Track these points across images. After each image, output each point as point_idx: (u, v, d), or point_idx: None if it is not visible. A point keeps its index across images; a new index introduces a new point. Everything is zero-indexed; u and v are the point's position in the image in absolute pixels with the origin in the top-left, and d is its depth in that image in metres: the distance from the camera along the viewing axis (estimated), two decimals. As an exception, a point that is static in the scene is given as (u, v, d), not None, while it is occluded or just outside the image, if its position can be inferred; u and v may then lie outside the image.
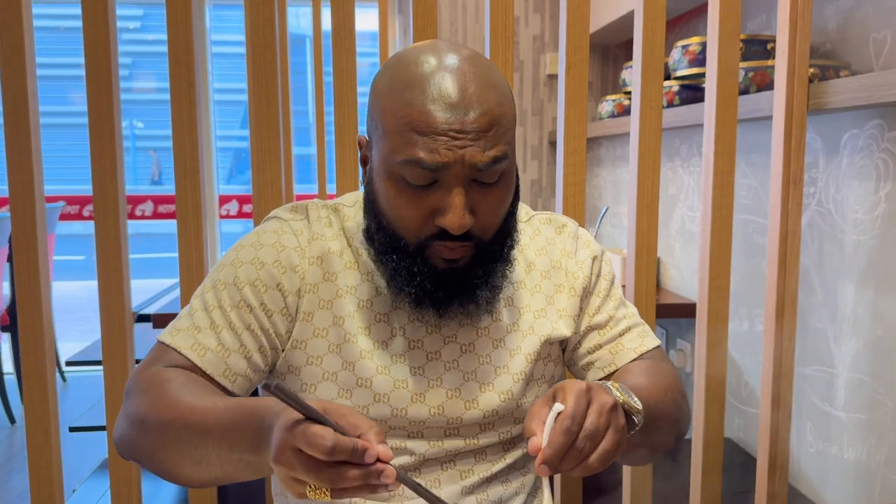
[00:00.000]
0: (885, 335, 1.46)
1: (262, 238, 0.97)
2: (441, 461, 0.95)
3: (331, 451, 0.66)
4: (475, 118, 0.82)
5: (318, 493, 0.67)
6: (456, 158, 0.82)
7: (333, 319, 0.94)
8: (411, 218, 0.86)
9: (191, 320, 0.94)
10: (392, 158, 0.85)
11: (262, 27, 1.40)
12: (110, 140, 1.35)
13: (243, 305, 0.93)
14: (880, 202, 1.47)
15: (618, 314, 1.05)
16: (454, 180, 0.84)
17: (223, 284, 0.94)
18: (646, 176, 1.49)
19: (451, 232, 0.84)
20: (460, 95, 0.83)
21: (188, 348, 0.91)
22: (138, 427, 0.86)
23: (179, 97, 1.37)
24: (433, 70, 0.84)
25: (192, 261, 1.41)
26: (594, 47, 3.33)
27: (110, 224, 1.37)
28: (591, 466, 0.74)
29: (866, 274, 1.52)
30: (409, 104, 0.83)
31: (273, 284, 0.94)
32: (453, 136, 0.82)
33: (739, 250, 1.97)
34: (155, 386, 0.87)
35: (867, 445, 1.52)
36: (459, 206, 0.83)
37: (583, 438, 0.73)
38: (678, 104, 2.19)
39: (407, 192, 0.85)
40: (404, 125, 0.83)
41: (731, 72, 1.48)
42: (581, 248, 1.05)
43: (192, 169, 1.38)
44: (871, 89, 1.38)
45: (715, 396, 1.54)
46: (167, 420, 0.83)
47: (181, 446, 0.82)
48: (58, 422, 1.44)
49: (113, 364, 1.41)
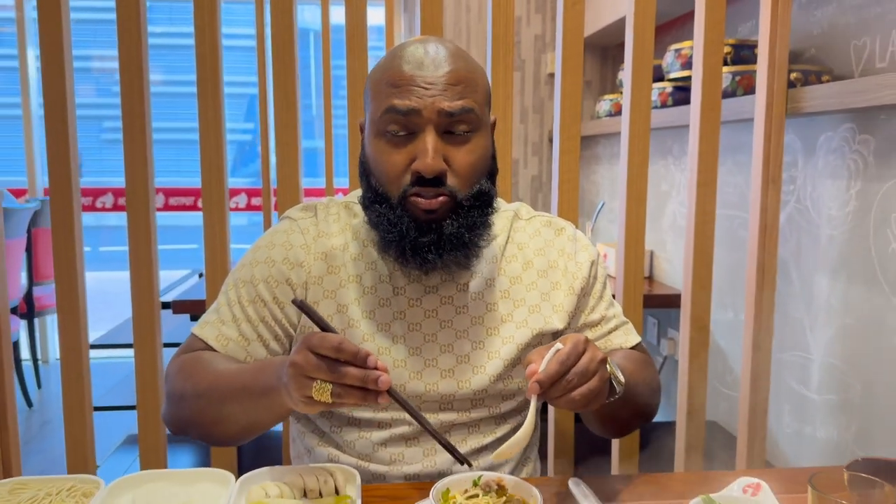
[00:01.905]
0: (854, 322, 1.58)
1: (274, 238, 1.10)
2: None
3: (337, 348, 0.79)
4: (444, 73, 0.97)
5: (321, 391, 0.80)
6: (426, 105, 0.95)
7: (337, 307, 1.06)
8: (393, 165, 0.98)
9: (217, 314, 1.08)
10: (375, 116, 0.99)
11: (282, 27, 1.51)
12: (141, 136, 1.47)
13: (258, 300, 1.06)
14: (851, 200, 1.59)
15: (608, 314, 1.17)
16: (425, 126, 0.96)
17: (242, 283, 1.08)
18: (635, 173, 1.61)
19: (424, 174, 0.95)
20: (432, 57, 0.98)
21: (213, 339, 1.06)
22: (179, 402, 1.01)
23: (206, 96, 1.48)
24: (411, 43, 1.00)
25: (216, 250, 1.53)
26: (593, 48, 3.44)
27: (141, 215, 1.49)
28: (574, 400, 0.85)
29: (838, 266, 1.64)
30: (387, 69, 0.99)
31: (283, 280, 1.07)
32: (424, 86, 0.96)
33: (726, 244, 2.08)
34: (187, 366, 1.03)
35: (838, 425, 1.64)
36: (430, 149, 0.95)
37: (573, 374, 0.85)
38: (671, 105, 2.31)
39: (388, 146, 0.98)
40: (384, 84, 0.98)
41: (714, 77, 1.59)
42: (580, 250, 1.15)
43: (216, 164, 1.50)
44: (843, 96, 1.50)
45: (699, 381, 1.66)
46: (202, 389, 0.98)
47: (214, 406, 0.97)
48: (91, 396, 1.56)
49: (143, 346, 1.53)
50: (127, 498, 0.87)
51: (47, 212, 3.67)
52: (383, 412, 1.05)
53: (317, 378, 0.81)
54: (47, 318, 4.29)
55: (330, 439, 1.09)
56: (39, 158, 4.24)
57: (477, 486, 0.87)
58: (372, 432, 1.06)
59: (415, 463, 1.05)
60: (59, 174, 1.44)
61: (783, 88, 1.61)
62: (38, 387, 3.88)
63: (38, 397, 3.82)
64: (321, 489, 0.88)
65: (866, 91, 1.43)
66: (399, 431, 1.06)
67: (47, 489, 0.87)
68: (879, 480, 0.78)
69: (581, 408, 0.87)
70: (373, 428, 1.06)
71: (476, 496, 0.85)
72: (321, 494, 0.88)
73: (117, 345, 2.22)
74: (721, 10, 1.58)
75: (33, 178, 4.20)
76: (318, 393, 0.80)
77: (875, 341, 1.52)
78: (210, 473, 0.91)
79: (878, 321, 1.51)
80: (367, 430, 1.06)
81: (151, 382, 1.54)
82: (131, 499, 0.86)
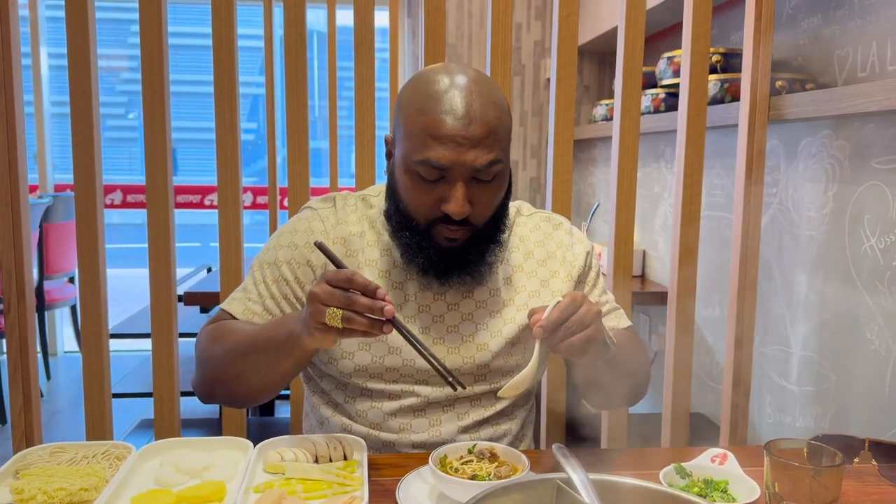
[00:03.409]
0: (830, 318, 1.68)
1: (297, 225, 1.22)
2: (442, 404, 1.17)
3: (349, 279, 0.92)
4: (476, 128, 1.04)
5: (333, 317, 0.91)
6: (459, 160, 1.03)
7: None
8: (422, 204, 1.08)
9: (244, 292, 1.19)
10: (410, 157, 1.06)
11: (294, 34, 1.61)
12: (161, 136, 1.56)
13: (282, 280, 1.17)
14: (828, 202, 1.68)
15: (601, 300, 1.29)
16: (457, 177, 1.05)
17: (267, 264, 1.19)
18: (624, 175, 1.71)
19: (452, 217, 1.06)
20: (466, 109, 1.04)
21: (240, 312, 1.16)
22: (208, 363, 1.11)
23: (222, 100, 1.58)
24: (446, 87, 1.05)
25: (230, 246, 1.63)
26: (591, 54, 3.54)
27: (160, 212, 1.58)
28: (574, 344, 0.97)
29: (816, 265, 1.73)
30: (425, 113, 1.05)
31: (304, 262, 1.17)
32: (459, 141, 1.03)
33: (713, 244, 2.18)
34: (216, 331, 1.14)
35: (814, 414, 1.73)
36: (460, 198, 1.04)
37: (573, 321, 0.97)
38: (664, 110, 2.40)
39: (420, 184, 1.07)
40: (421, 130, 1.04)
41: (700, 85, 1.69)
42: (576, 243, 1.27)
43: (232, 163, 1.60)
44: (821, 103, 1.59)
45: (682, 373, 1.75)
46: (228, 346, 1.08)
47: (240, 359, 1.06)
48: (110, 382, 1.65)
49: (160, 335, 1.62)
50: (155, 462, 0.97)
51: (59, 207, 3.78)
52: (393, 384, 1.15)
53: (330, 305, 0.92)
54: (56, 312, 4.39)
55: (343, 410, 1.19)
56: (50, 155, 4.34)
57: (472, 454, 0.97)
58: (383, 403, 1.16)
59: (421, 432, 1.16)
60: (83, 171, 1.54)
61: (766, 96, 1.71)
62: (48, 378, 3.98)
63: (48, 388, 3.92)
64: (331, 455, 0.98)
65: (842, 99, 1.53)
66: (408, 403, 1.16)
67: (84, 452, 0.97)
68: (831, 448, 0.88)
69: (579, 353, 0.99)
70: (384, 399, 1.16)
71: (471, 461, 0.95)
72: (331, 460, 0.98)
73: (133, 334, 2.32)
74: (707, 22, 1.68)
75: (44, 175, 4.30)
76: (331, 319, 0.91)
77: (849, 335, 1.61)
78: (230, 441, 1.01)
79: (852, 316, 1.60)
80: (379, 400, 1.16)
81: (168, 370, 1.64)
82: (160, 462, 0.96)
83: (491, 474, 0.92)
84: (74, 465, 0.93)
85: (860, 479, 1.05)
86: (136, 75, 1.59)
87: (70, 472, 0.90)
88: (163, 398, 1.65)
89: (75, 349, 4.51)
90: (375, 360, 1.14)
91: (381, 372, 1.15)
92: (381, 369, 1.15)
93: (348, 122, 1.91)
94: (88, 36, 1.53)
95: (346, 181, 3.53)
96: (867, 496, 1.00)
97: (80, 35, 1.53)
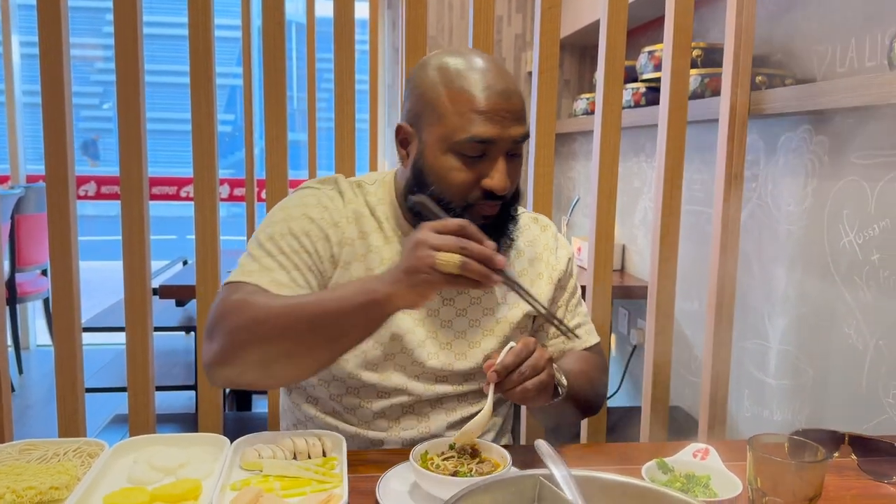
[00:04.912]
0: (808, 312, 1.69)
1: (305, 200, 1.15)
2: (431, 402, 1.17)
3: (462, 226, 0.90)
4: (516, 101, 1.07)
5: (447, 262, 0.86)
6: (504, 134, 1.05)
7: (365, 270, 1.14)
8: (464, 183, 1.06)
9: (258, 264, 1.07)
10: (452, 136, 1.05)
11: (273, 24, 1.58)
12: (136, 126, 1.53)
13: (303, 251, 1.10)
14: (807, 197, 1.69)
15: (577, 311, 1.31)
16: (500, 151, 1.06)
17: (280, 236, 1.10)
18: (606, 170, 1.70)
19: (497, 192, 1.06)
20: (503, 84, 1.06)
21: (267, 283, 1.04)
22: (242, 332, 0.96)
23: (199, 90, 1.55)
24: (477, 66, 1.07)
25: (206, 238, 1.60)
26: (572, 48, 3.53)
27: (134, 203, 1.55)
28: (527, 389, 0.97)
29: (795, 259, 1.74)
30: (463, 91, 1.05)
31: (322, 236, 1.12)
32: (503, 115, 1.05)
33: (693, 238, 2.19)
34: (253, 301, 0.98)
35: (792, 408, 1.75)
36: (504, 172, 1.06)
37: (526, 366, 0.98)
38: (644, 104, 2.40)
39: (461, 163, 1.06)
40: (465, 108, 1.04)
41: (681, 79, 1.69)
42: (560, 247, 1.29)
43: (209, 155, 1.56)
44: (801, 99, 1.60)
45: (662, 367, 1.75)
46: (281, 319, 0.95)
47: (296, 334, 0.95)
48: (83, 376, 1.62)
49: (135, 329, 1.59)
50: (129, 458, 0.94)
51: (31, 198, 3.71)
52: (386, 381, 1.13)
53: (442, 249, 0.88)
54: (28, 305, 4.31)
55: (330, 408, 1.17)
56: (23, 145, 4.26)
57: (453, 450, 0.96)
58: (372, 402, 1.14)
59: (410, 429, 1.15)
60: (55, 161, 1.50)
61: (746, 91, 1.71)
62: (20, 372, 3.91)
63: (20, 382, 3.85)
64: (310, 452, 0.96)
65: (821, 95, 1.53)
66: (398, 401, 1.14)
67: (55, 450, 0.94)
68: (813, 444, 0.88)
69: (531, 399, 0.99)
70: (373, 397, 1.14)
71: (452, 458, 0.94)
72: (310, 457, 0.96)
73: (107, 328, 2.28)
74: (689, 16, 1.67)
75: (16, 165, 4.21)
76: (444, 264, 0.86)
77: (826, 330, 1.62)
78: (206, 438, 0.99)
79: (830, 311, 1.61)
80: (368, 399, 1.14)
81: (142, 364, 1.61)
82: (133, 459, 0.94)
83: (472, 471, 0.91)
84: (45, 463, 0.91)
85: (840, 473, 1.05)
86: (112, 65, 1.55)
87: (40, 470, 0.88)
88: (137, 393, 1.62)
89: (48, 343, 4.44)
90: (376, 343, 1.12)
91: (378, 363, 1.13)
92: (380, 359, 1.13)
93: (327, 115, 1.88)
94: (61, 24, 1.49)
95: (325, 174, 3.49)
96: (847, 490, 1.00)
97: (52, 23, 1.48)
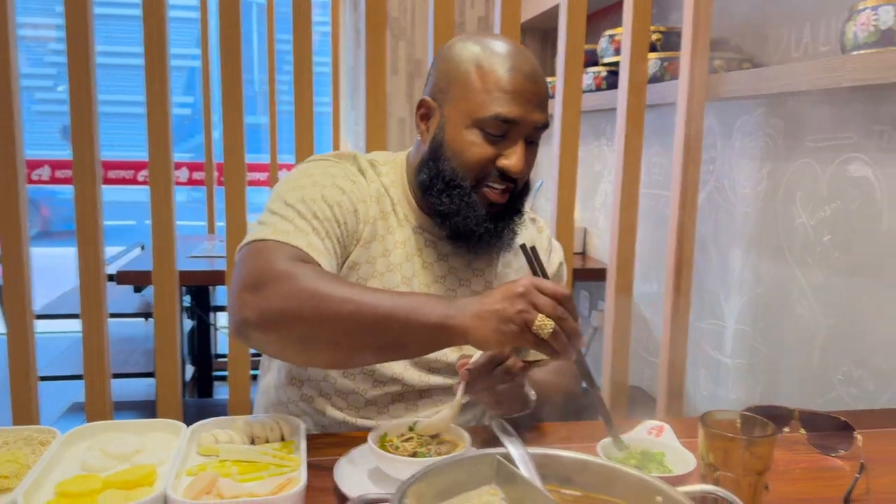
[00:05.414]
0: (763, 292, 1.72)
1: (331, 171, 1.11)
2: (422, 392, 1.17)
3: (568, 298, 0.88)
4: (542, 88, 1.08)
5: (544, 325, 0.85)
6: (528, 117, 1.06)
7: (383, 251, 1.13)
8: (481, 159, 1.07)
9: (292, 225, 1.02)
10: (476, 112, 1.05)
11: (229, 2, 1.55)
12: (87, 108, 1.49)
13: (332, 220, 1.06)
14: (763, 179, 1.72)
15: None
16: (520, 133, 1.07)
17: (312, 200, 1.06)
18: (566, 153, 1.71)
19: (511, 173, 1.07)
20: (530, 69, 1.07)
21: (306, 246, 1.00)
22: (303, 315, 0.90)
23: (153, 70, 1.51)
24: (508, 49, 1.08)
25: (162, 222, 1.57)
26: (534, 31, 3.53)
27: (87, 187, 1.51)
28: (500, 391, 0.99)
29: (751, 241, 1.77)
30: (494, 69, 1.06)
31: (352, 210, 1.09)
32: (529, 98, 1.06)
33: (652, 221, 2.21)
34: (324, 288, 0.92)
35: (747, 386, 1.79)
36: (522, 154, 1.07)
37: (499, 370, 0.97)
38: (605, 88, 2.41)
39: (481, 140, 1.06)
40: (493, 85, 1.05)
41: (640, 63, 1.70)
42: (554, 251, 1.30)
43: (162, 138, 1.53)
44: (756, 82, 1.62)
45: (621, 348, 1.78)
46: (347, 312, 0.89)
47: (356, 327, 0.90)
48: (36, 365, 1.58)
49: (90, 316, 1.56)
50: (82, 446, 0.93)
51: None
52: (385, 369, 1.12)
53: (542, 313, 0.86)
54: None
55: (321, 390, 1.15)
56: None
57: (412, 431, 0.96)
58: (367, 390, 1.13)
59: (398, 418, 1.14)
60: (4, 145, 1.46)
61: (704, 74, 1.73)
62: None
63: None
64: (268, 437, 0.95)
65: (776, 78, 1.56)
66: (391, 389, 1.14)
67: (5, 438, 0.92)
68: (763, 419, 0.90)
69: (499, 405, 1.00)
70: (368, 384, 1.13)
71: (412, 439, 0.94)
72: (268, 441, 0.95)
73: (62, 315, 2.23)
74: (647, 0, 1.68)
75: (-35, 150, 4.08)
76: (541, 327, 0.86)
77: (780, 309, 1.66)
78: (162, 424, 0.97)
79: (784, 291, 1.65)
80: (363, 385, 1.13)
81: (98, 351, 1.58)
82: (86, 447, 0.92)
83: (432, 451, 0.91)
84: (-6, 452, 0.89)
85: (790, 448, 1.08)
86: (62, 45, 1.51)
87: (-11, 459, 0.86)
88: (94, 380, 1.59)
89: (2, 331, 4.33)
90: None
91: None
92: None
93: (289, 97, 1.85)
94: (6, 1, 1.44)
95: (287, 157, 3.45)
96: (796, 464, 1.03)
97: (-3, -1, 1.44)
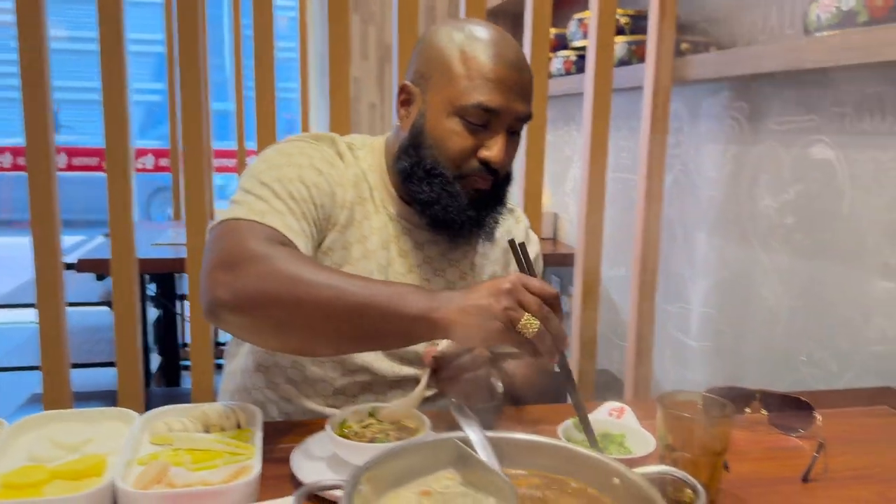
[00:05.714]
0: (728, 275, 1.73)
1: (308, 152, 1.08)
2: (391, 383, 1.15)
3: (557, 297, 0.86)
4: (526, 78, 1.06)
5: (529, 324, 0.83)
6: (511, 107, 1.03)
7: (359, 237, 1.10)
8: (462, 149, 1.04)
9: (267, 205, 0.99)
10: (458, 101, 1.03)
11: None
12: (41, 93, 1.45)
13: (309, 201, 1.04)
14: (727, 162, 1.73)
15: None
16: (502, 124, 1.04)
17: (289, 180, 1.03)
18: (534, 138, 1.70)
19: (492, 164, 1.05)
20: (515, 57, 1.05)
21: (282, 227, 0.98)
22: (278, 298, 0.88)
23: (109, 54, 1.47)
24: (493, 37, 1.05)
25: (119, 210, 1.54)
26: (504, 15, 3.51)
27: (42, 174, 1.47)
28: (465, 381, 0.97)
29: (716, 224, 1.78)
30: (478, 57, 1.03)
31: (329, 192, 1.07)
32: (512, 87, 1.03)
33: (620, 205, 2.22)
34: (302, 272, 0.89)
35: (713, 369, 1.80)
36: (503, 145, 1.05)
37: (465, 359, 0.96)
38: (574, 72, 2.41)
39: (462, 129, 1.04)
40: (476, 73, 1.03)
41: (606, 47, 1.70)
42: (531, 242, 1.28)
43: (121, 123, 1.50)
44: (721, 65, 1.62)
45: (589, 331, 1.78)
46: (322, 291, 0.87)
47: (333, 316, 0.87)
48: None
49: (47, 305, 1.52)
50: (31, 437, 0.90)
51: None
52: (356, 357, 1.10)
53: (527, 312, 0.84)
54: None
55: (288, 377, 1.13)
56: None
57: (373, 417, 0.94)
58: (336, 378, 1.11)
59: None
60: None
61: (670, 58, 1.73)
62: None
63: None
64: (223, 425, 0.93)
65: (740, 61, 1.56)
66: (360, 379, 1.12)
67: (-50, 431, 0.89)
68: (722, 400, 0.90)
69: (462, 394, 0.97)
70: (337, 373, 1.11)
71: (371, 425, 0.93)
72: (223, 430, 0.94)
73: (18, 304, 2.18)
74: (613, -18, 1.67)
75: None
76: (526, 326, 0.84)
77: (744, 292, 1.67)
78: (114, 412, 0.95)
79: (748, 274, 1.66)
80: (332, 372, 1.11)
81: (55, 341, 1.54)
82: (35, 437, 0.90)
83: (391, 437, 0.90)
84: (-62, 445, 0.86)
85: (751, 428, 1.08)
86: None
87: (-69, 452, 0.83)
88: (51, 371, 1.55)
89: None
90: None
91: None
92: None
93: (254, 83, 1.82)
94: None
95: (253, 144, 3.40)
96: (756, 444, 1.04)
97: None
